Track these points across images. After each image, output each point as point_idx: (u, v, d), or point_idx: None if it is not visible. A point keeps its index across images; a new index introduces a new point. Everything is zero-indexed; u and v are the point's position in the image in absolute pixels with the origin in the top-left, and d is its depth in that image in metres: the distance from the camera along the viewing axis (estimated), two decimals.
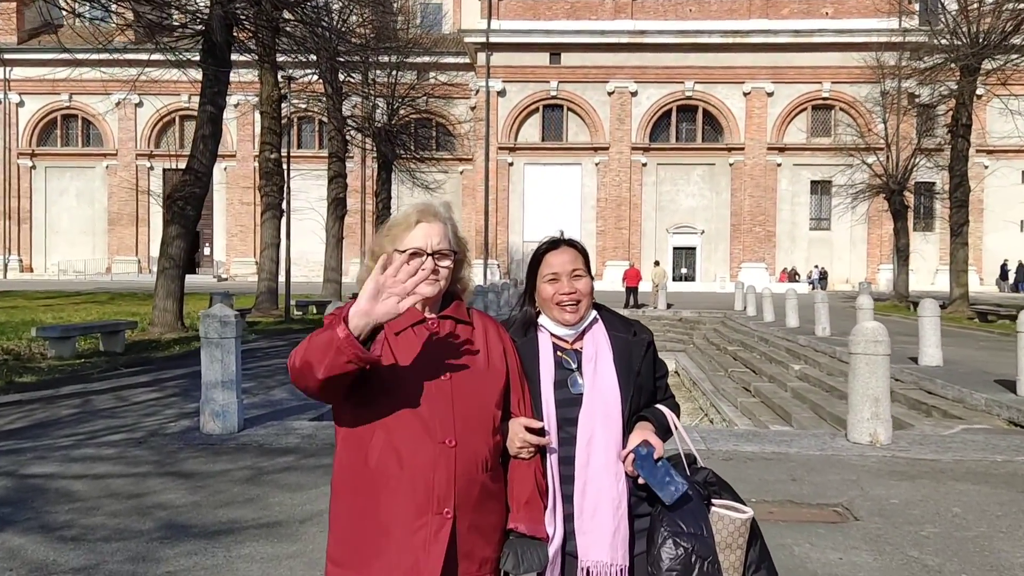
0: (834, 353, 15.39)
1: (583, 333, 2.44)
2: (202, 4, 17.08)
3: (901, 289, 30.88)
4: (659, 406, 2.42)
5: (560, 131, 43.91)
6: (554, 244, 2.47)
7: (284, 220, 22.64)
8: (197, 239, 48.36)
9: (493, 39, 42.29)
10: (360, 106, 28.86)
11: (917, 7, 40.41)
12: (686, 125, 44.09)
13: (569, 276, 2.39)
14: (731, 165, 43.47)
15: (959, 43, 25.48)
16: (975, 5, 24.93)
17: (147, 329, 16.75)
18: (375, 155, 31.05)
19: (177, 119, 48.20)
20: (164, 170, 46.43)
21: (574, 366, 2.39)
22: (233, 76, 28.70)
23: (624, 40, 41.85)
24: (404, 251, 2.16)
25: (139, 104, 46.77)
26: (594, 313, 2.46)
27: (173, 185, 17.16)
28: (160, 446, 7.31)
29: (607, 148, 42.85)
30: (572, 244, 2.47)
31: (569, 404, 2.33)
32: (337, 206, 26.40)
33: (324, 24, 20.07)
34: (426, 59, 32.43)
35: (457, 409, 2.11)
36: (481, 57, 42.83)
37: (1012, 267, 43.06)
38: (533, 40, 42.28)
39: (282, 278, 22.73)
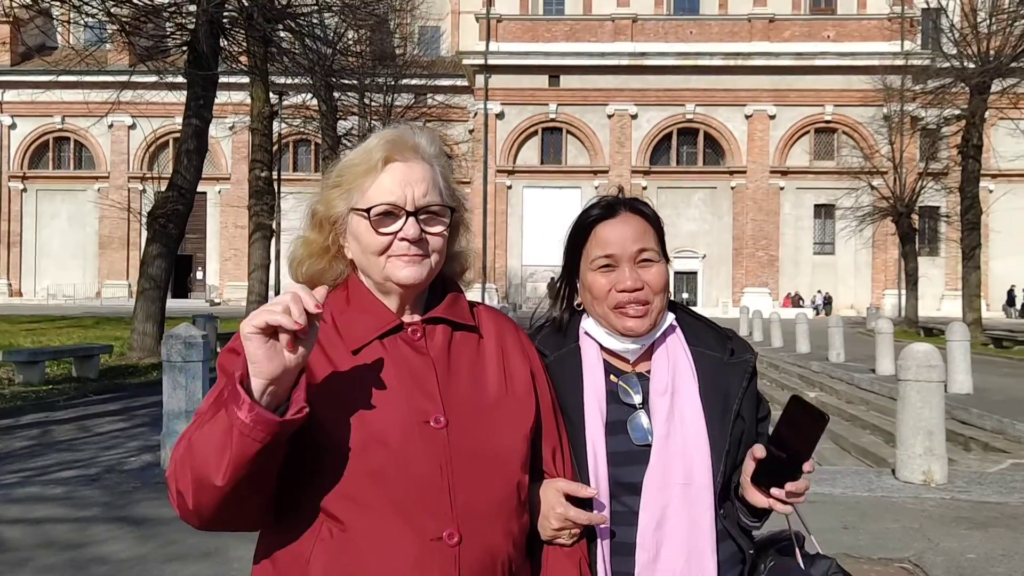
0: (852, 380, 14.58)
1: (651, 349, 1.61)
2: (189, 10, 16.36)
3: (911, 314, 30.09)
4: None
5: (559, 154, 43.28)
6: (609, 208, 1.62)
7: (275, 241, 21.84)
8: (190, 262, 47.62)
9: (491, 61, 41.81)
10: (356, 126, 28.22)
11: (920, 30, 40.10)
12: (687, 148, 43.51)
13: (633, 261, 1.57)
14: (733, 188, 42.84)
15: (969, 64, 24.93)
16: (984, 23, 24.42)
17: (125, 354, 15.87)
18: None
19: (171, 141, 47.50)
20: (156, 193, 45.58)
21: (637, 400, 1.57)
22: (229, 97, 28.21)
23: (624, 63, 41.36)
24: (368, 209, 1.37)
25: (132, 126, 46.16)
26: (670, 318, 1.63)
27: (155, 202, 16.37)
28: (114, 485, 6.46)
29: (607, 171, 42.21)
30: (638, 208, 1.62)
31: (629, 460, 1.52)
32: None
33: (318, 36, 19.37)
34: (424, 81, 31.90)
35: (459, 478, 1.31)
36: (479, 79, 42.32)
37: (1019, 293, 42.37)
38: (532, 62, 41.77)
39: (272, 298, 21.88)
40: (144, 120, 41.69)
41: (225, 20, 16.43)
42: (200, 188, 19.05)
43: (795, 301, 42.02)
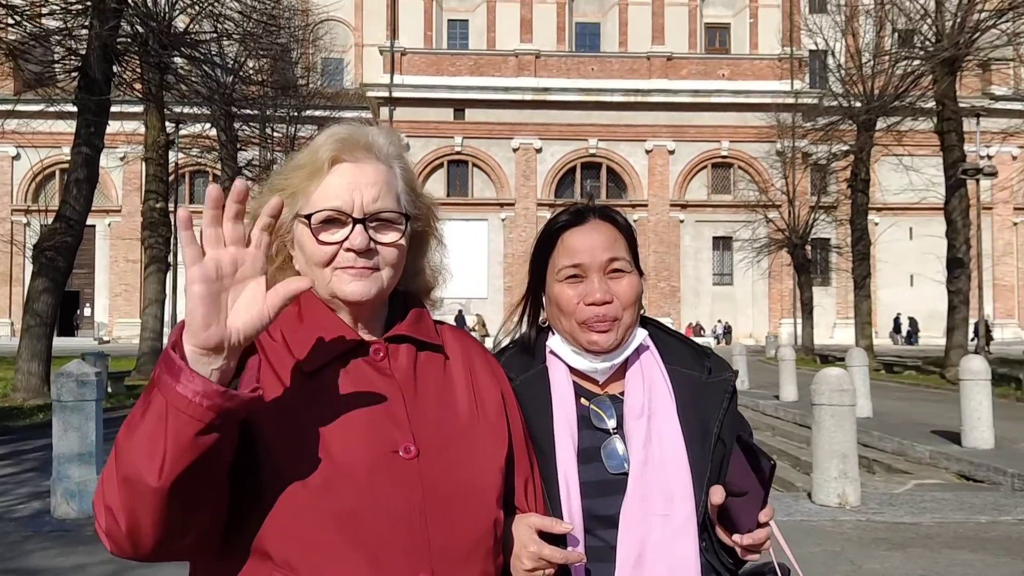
0: (757, 407, 14.89)
1: (624, 368, 1.49)
2: (80, 35, 15.65)
3: (807, 342, 31.17)
4: None
5: (466, 186, 43.31)
6: (578, 215, 1.50)
7: (171, 275, 20.98)
8: (77, 299, 45.39)
9: (396, 94, 41.68)
10: (257, 157, 27.54)
11: (808, 71, 42.06)
12: (591, 182, 44.26)
13: (603, 272, 1.45)
14: (635, 221, 43.70)
15: (856, 102, 26.24)
16: (868, 63, 25.78)
17: (8, 395, 14.85)
18: None
19: (58, 172, 45.38)
20: (42, 226, 43.44)
21: (611, 425, 1.45)
22: (122, 126, 27.13)
23: (528, 97, 41.88)
24: (309, 216, 1.22)
25: (16, 157, 43.94)
26: (642, 335, 1.51)
27: (42, 234, 15.47)
28: (2, 534, 5.94)
29: (513, 204, 42.48)
30: (609, 216, 1.51)
31: (604, 491, 1.40)
32: None
33: (217, 64, 18.83)
34: (327, 112, 31.47)
35: (434, 516, 1.15)
36: (384, 112, 42.10)
37: (904, 320, 44.47)
38: (437, 96, 41.82)
39: (167, 334, 20.96)
40: (30, 150, 39.71)
41: (119, 45, 15.76)
42: (89, 221, 18.14)
43: (696, 331, 42.99)
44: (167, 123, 21.38)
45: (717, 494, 1.34)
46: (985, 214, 36.10)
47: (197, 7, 17.96)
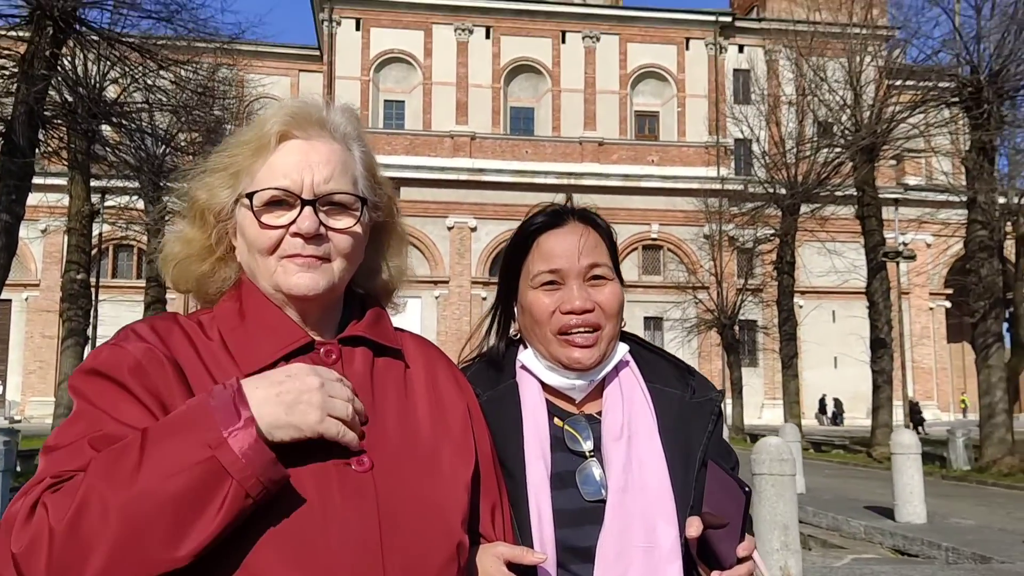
0: None
1: (602, 386, 1.37)
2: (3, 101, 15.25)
3: (737, 422, 31.46)
4: None
5: None
6: (556, 216, 1.40)
7: (88, 348, 20.12)
8: None
9: None
10: None
11: (733, 158, 43.68)
12: None
13: (582, 278, 1.34)
14: None
15: (780, 188, 27.22)
16: (791, 151, 26.88)
17: None
18: None
19: None
20: None
21: (588, 447, 1.32)
22: (43, 199, 26.36)
23: (463, 177, 42.35)
24: (250, 195, 1.08)
25: None
26: (623, 350, 1.40)
27: None
28: None
29: (447, 282, 42.46)
30: (589, 218, 1.41)
31: (580, 520, 1.26)
32: None
33: (148, 132, 18.53)
34: None
35: (392, 536, 1.00)
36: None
37: (829, 401, 45.34)
38: None
39: None
40: None
41: (46, 111, 15.40)
42: (4, 295, 17.36)
43: None
44: (92, 193, 20.86)
45: (693, 526, 1.22)
46: (903, 298, 37.44)
47: (130, 77, 17.75)
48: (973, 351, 20.30)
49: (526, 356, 1.38)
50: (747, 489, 1.18)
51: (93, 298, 20.65)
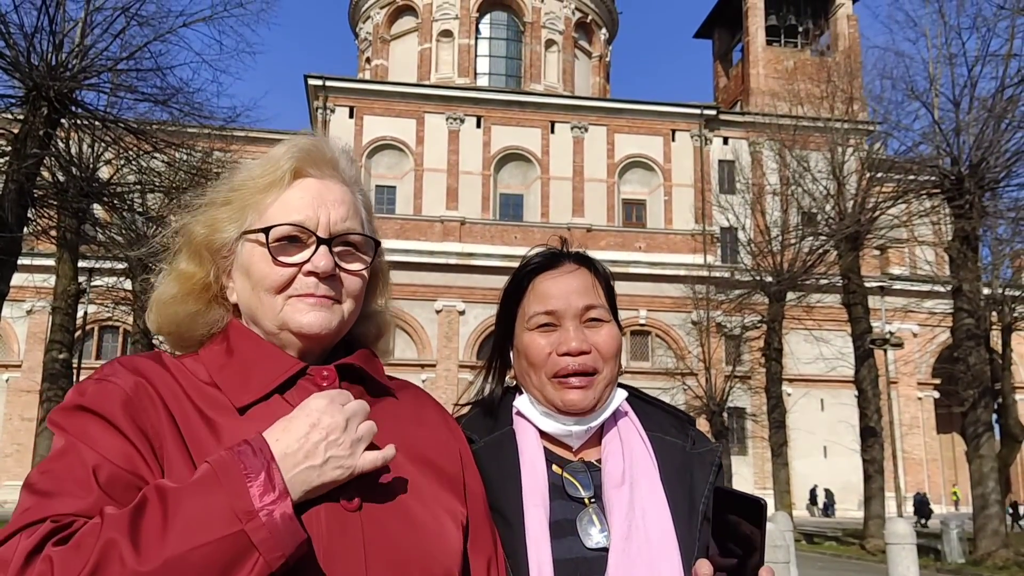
0: None
1: (600, 433, 1.35)
2: None
3: None
4: None
5: None
6: (552, 258, 1.40)
7: None
8: None
9: None
10: None
11: (719, 245, 44.21)
12: None
13: (579, 320, 1.33)
14: None
15: (767, 276, 27.45)
16: (776, 239, 27.21)
17: None
18: None
19: None
20: None
21: (586, 494, 1.28)
22: (30, 279, 26.28)
23: (453, 261, 42.59)
24: (266, 230, 1.05)
25: None
26: (621, 396, 1.37)
27: None
28: None
29: (435, 365, 42.20)
30: (584, 260, 1.43)
31: (581, 570, 1.21)
32: None
33: (139, 212, 18.60)
34: None
35: (374, 572, 0.96)
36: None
37: (820, 492, 44.68)
38: None
39: None
40: None
41: (37, 190, 15.47)
42: None
43: None
44: (79, 273, 20.79)
45: (704, 567, 1.15)
46: (891, 388, 37.40)
47: (124, 158, 17.92)
48: (963, 441, 20.18)
49: (521, 402, 1.35)
50: (762, 501, 1.16)
51: (74, 379, 20.32)
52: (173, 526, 0.83)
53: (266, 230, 1.05)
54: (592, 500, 1.28)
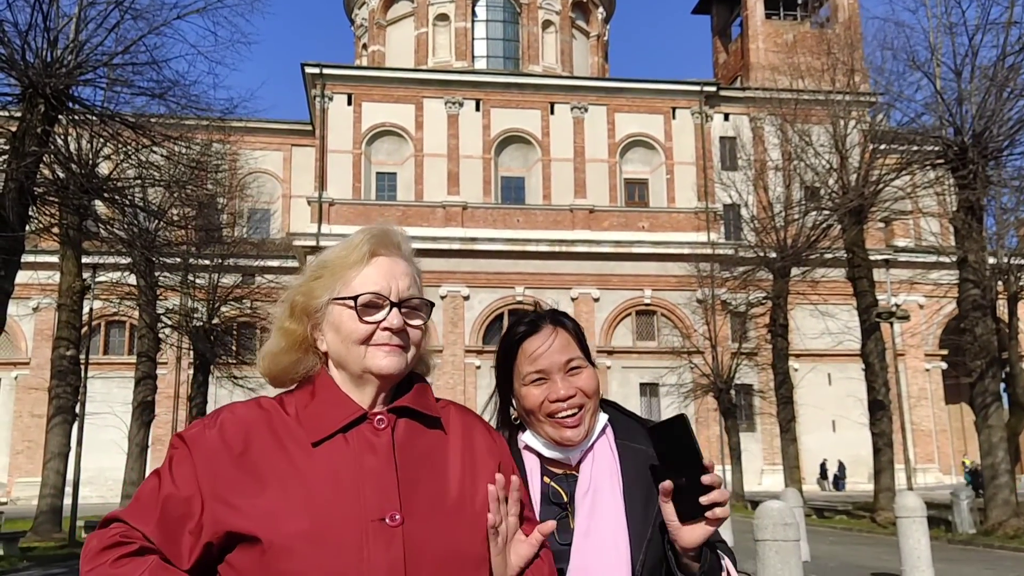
0: None
1: (587, 451, 1.71)
2: None
3: (737, 488, 30.98)
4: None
5: None
6: (533, 325, 1.73)
7: (77, 426, 19.76)
8: None
9: (323, 243, 41.72)
10: (178, 305, 26.85)
11: (722, 223, 44.08)
12: None
13: (563, 372, 1.67)
14: None
15: (771, 252, 27.36)
16: (780, 215, 27.10)
17: None
18: (191, 358, 28.66)
19: None
20: None
21: (565, 499, 1.65)
22: (34, 277, 26.31)
23: (456, 247, 42.54)
24: (355, 298, 1.42)
25: None
26: (604, 419, 1.72)
27: None
28: None
29: (441, 351, 42.21)
30: (558, 321, 1.74)
31: (556, 560, 1.55)
32: (144, 410, 23.62)
33: (140, 207, 18.56)
34: (252, 261, 31.24)
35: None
36: (310, 260, 42.08)
37: (830, 466, 44.70)
38: None
39: (69, 492, 19.49)
40: None
41: (38, 188, 15.44)
42: None
43: None
44: (83, 270, 20.79)
45: (665, 484, 1.48)
46: (899, 360, 37.36)
47: (123, 153, 17.87)
48: (972, 412, 20.15)
49: (527, 437, 1.70)
50: (681, 415, 1.53)
51: (83, 375, 20.37)
52: None
53: (355, 297, 1.40)
54: (567, 505, 1.62)
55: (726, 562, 1.56)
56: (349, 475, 1.31)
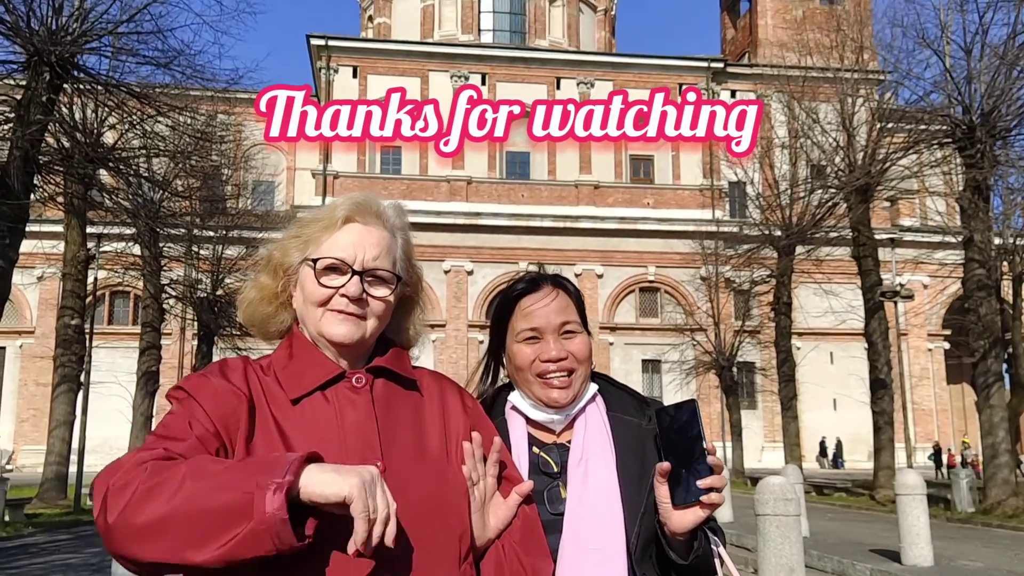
0: None
1: (574, 419, 1.68)
2: None
3: (737, 465, 31.12)
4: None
5: None
6: (533, 283, 1.71)
7: (82, 395, 19.87)
8: None
9: None
10: (182, 276, 26.90)
11: (727, 200, 43.92)
12: None
13: (557, 333, 1.66)
14: None
15: (775, 230, 27.29)
16: (785, 192, 27.00)
17: None
18: (195, 329, 28.76)
19: None
20: None
21: (556, 470, 1.63)
22: (39, 246, 26.32)
23: (460, 221, 42.50)
24: (316, 260, 1.45)
25: None
26: (593, 388, 1.70)
27: None
28: None
29: (444, 325, 42.35)
30: (560, 283, 1.72)
31: (547, 530, 1.54)
32: (148, 380, 23.73)
33: (145, 177, 18.54)
34: (256, 233, 31.23)
35: (402, 541, 1.28)
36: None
37: (829, 444, 44.92)
38: None
39: (74, 460, 19.64)
40: None
41: (42, 156, 15.41)
42: None
43: None
44: (88, 239, 20.81)
45: (663, 466, 1.49)
46: (901, 339, 37.36)
47: (128, 123, 17.82)
48: (973, 392, 20.19)
49: (514, 397, 1.68)
50: (693, 400, 1.54)
51: (87, 344, 20.46)
52: (220, 475, 1.15)
53: (316, 260, 1.42)
54: (559, 475, 1.60)
55: (720, 549, 1.53)
56: (331, 429, 1.35)
